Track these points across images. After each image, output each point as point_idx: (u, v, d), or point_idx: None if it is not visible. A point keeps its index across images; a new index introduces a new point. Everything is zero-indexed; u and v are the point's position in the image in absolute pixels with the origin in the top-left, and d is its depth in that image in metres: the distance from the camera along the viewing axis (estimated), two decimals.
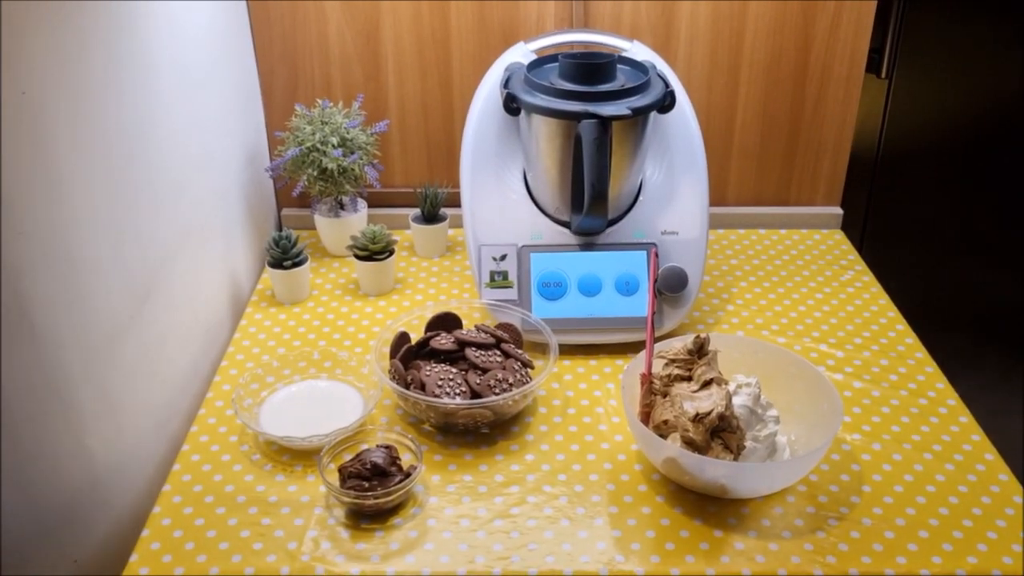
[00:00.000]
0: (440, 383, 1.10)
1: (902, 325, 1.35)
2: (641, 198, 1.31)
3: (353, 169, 1.43)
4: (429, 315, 1.24)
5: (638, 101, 1.20)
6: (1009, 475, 1.06)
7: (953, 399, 1.19)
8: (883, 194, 1.20)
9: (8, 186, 0.81)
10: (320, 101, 1.46)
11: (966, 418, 1.15)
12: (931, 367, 1.25)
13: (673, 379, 1.05)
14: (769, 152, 1.60)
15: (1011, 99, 1.70)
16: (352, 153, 1.43)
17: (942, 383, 1.22)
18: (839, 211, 1.63)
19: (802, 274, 1.49)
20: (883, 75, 1.67)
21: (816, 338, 1.31)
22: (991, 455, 1.09)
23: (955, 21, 1.65)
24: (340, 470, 1.02)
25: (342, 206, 1.51)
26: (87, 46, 0.95)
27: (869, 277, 1.48)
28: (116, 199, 1.01)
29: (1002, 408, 1.89)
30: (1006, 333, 1.90)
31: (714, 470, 0.98)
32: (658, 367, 1.08)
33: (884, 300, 1.42)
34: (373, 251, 1.39)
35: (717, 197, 1.61)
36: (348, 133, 1.43)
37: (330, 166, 1.40)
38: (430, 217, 1.51)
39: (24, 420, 0.86)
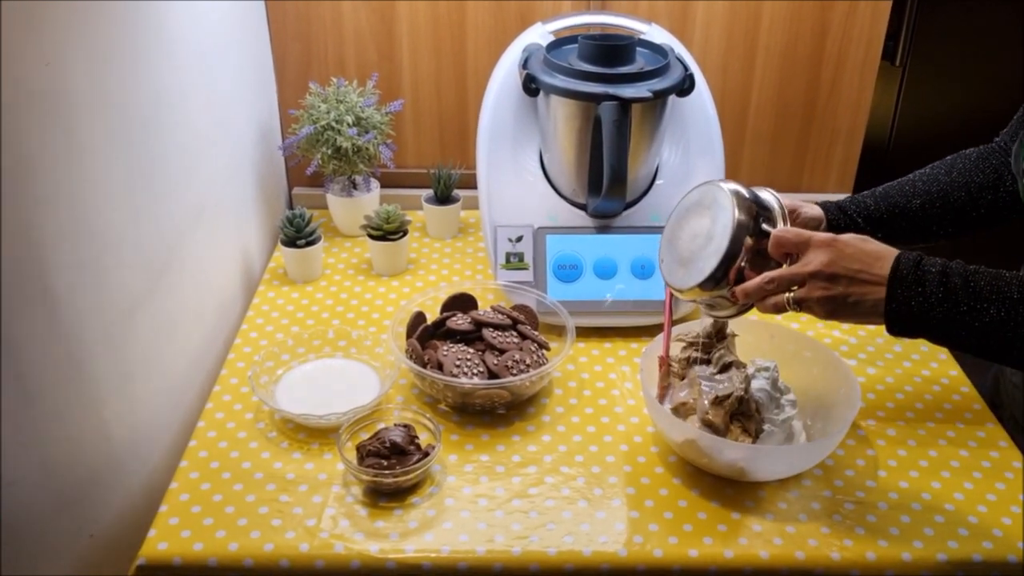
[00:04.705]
0: (458, 363, 1.10)
1: None
2: (658, 181, 1.31)
3: (367, 148, 1.43)
4: (443, 296, 1.23)
5: (658, 84, 1.19)
6: (1023, 461, 1.07)
7: (966, 386, 1.19)
8: None
9: (31, 155, 0.80)
10: (335, 79, 1.45)
11: (979, 405, 1.16)
12: (944, 354, 1.26)
13: (691, 362, 1.05)
14: (783, 137, 1.60)
15: None
16: (367, 132, 1.42)
17: (955, 370, 1.22)
18: None
19: None
20: (897, 63, 1.67)
21: (830, 324, 1.31)
22: (1005, 442, 1.10)
23: (970, 10, 1.65)
24: (358, 448, 1.02)
25: (355, 185, 1.50)
26: (108, 21, 0.94)
27: None
28: (133, 172, 1.00)
29: None
30: None
31: (733, 453, 0.98)
32: (675, 350, 1.08)
33: None
34: (387, 231, 1.39)
35: None
36: (363, 112, 1.42)
37: (345, 145, 1.40)
38: (443, 198, 1.51)
39: (43, 392, 0.86)
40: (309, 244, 1.38)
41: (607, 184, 1.18)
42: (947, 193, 1.07)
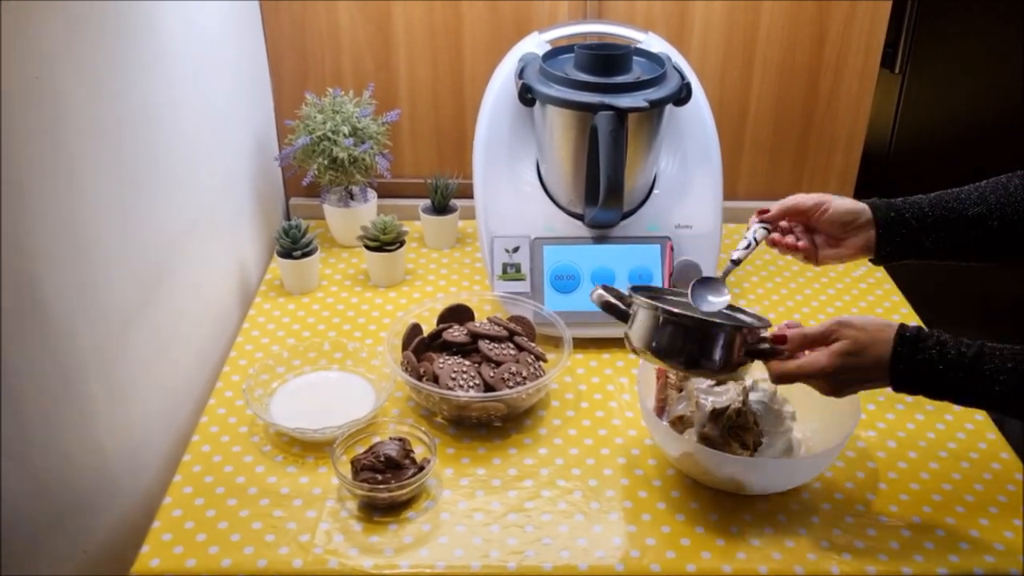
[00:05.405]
0: (453, 376, 1.09)
1: (915, 322, 1.34)
2: (655, 191, 1.30)
3: (364, 159, 1.42)
4: (440, 307, 1.23)
5: (655, 93, 1.19)
6: None
7: None
8: (895, 189, 1.20)
9: (22, 170, 0.80)
10: (331, 90, 1.45)
11: (981, 416, 1.15)
12: None
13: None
14: (782, 146, 1.59)
15: None
16: (363, 142, 1.41)
17: None
18: None
19: (814, 269, 1.47)
20: (896, 70, 1.65)
21: None
22: (1007, 454, 1.09)
23: (969, 17, 1.64)
24: (353, 462, 1.01)
25: (352, 196, 1.49)
26: (100, 33, 0.93)
27: (881, 273, 1.47)
28: (126, 186, 1.00)
29: None
30: (1018, 330, 1.89)
31: (731, 466, 0.97)
32: None
33: (897, 296, 1.41)
34: (384, 242, 1.38)
35: (728, 191, 1.59)
36: (359, 122, 1.41)
37: (341, 155, 1.39)
38: (440, 208, 1.50)
39: (36, 408, 0.85)
40: (305, 255, 1.37)
41: (604, 194, 1.17)
42: (1004, 206, 1.02)
